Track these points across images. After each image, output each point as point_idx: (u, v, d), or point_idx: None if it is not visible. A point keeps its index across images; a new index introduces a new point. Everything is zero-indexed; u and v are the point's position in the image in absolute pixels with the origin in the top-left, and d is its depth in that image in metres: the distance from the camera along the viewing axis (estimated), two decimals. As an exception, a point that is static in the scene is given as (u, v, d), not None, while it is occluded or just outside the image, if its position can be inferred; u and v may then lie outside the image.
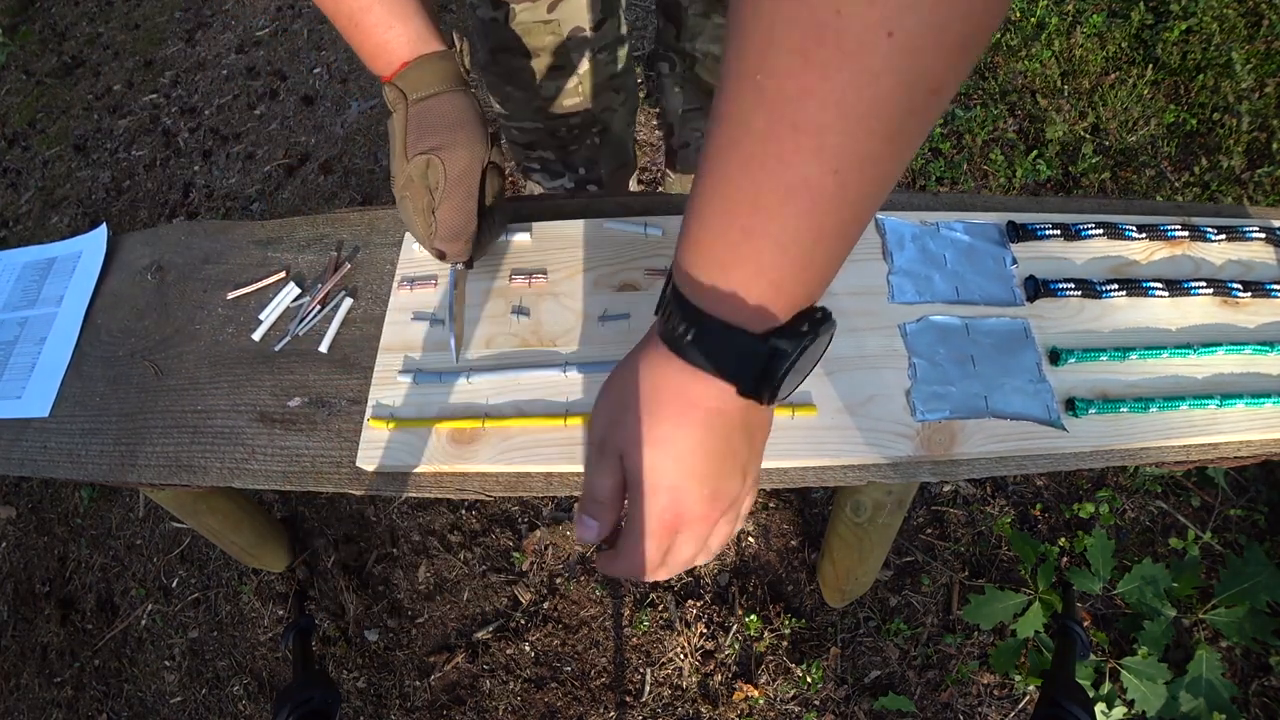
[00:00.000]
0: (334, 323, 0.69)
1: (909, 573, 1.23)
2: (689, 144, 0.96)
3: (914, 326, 0.62)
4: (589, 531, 0.44)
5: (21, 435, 0.69)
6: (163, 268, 0.78)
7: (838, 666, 1.16)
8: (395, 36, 0.58)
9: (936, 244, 0.67)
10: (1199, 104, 1.64)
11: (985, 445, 0.56)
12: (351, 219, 0.78)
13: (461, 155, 0.58)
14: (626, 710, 1.17)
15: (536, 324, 0.64)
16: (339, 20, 0.59)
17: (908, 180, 1.66)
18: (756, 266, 0.34)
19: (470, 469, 0.59)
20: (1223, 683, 1.01)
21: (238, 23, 2.47)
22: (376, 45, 0.58)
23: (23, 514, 1.53)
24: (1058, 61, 1.76)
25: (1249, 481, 1.24)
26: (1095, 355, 0.60)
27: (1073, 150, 1.63)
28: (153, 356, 0.71)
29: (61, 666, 1.33)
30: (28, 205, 2.13)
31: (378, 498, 1.38)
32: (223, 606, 1.34)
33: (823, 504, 1.30)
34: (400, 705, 1.21)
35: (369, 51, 0.59)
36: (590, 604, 1.26)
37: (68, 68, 2.50)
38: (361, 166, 1.95)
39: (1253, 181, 1.50)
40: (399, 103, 0.59)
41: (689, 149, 0.97)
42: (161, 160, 2.13)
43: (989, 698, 1.12)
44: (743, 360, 0.36)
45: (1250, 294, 0.63)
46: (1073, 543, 1.20)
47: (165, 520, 1.44)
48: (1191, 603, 1.11)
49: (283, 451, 0.63)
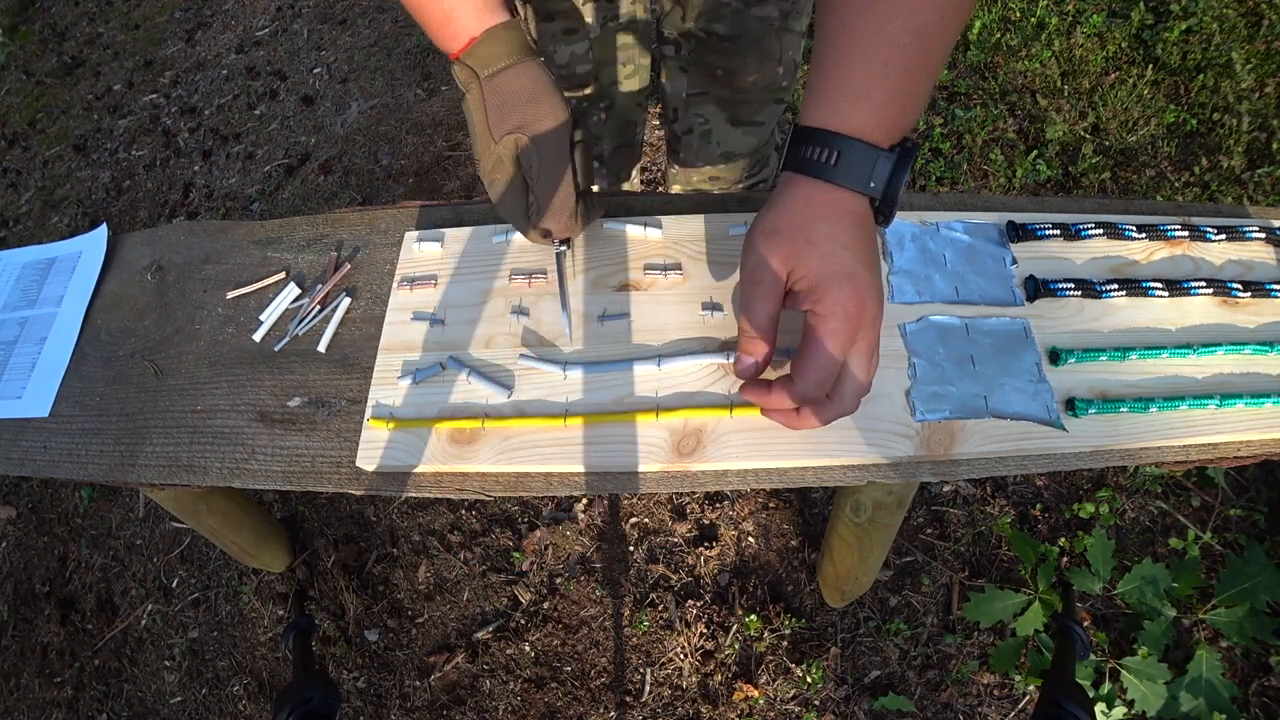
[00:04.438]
0: (332, 323, 0.69)
1: (909, 573, 1.23)
2: (692, 129, 0.95)
3: (914, 326, 0.62)
4: (748, 367, 0.49)
5: (21, 435, 0.69)
6: (163, 268, 0.78)
7: (838, 666, 1.16)
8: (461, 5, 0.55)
9: (936, 244, 0.67)
10: (1199, 104, 1.64)
11: (985, 445, 0.56)
12: (351, 219, 0.78)
13: (549, 128, 0.56)
14: (626, 710, 1.17)
15: (536, 324, 0.64)
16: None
17: (908, 180, 1.66)
18: (890, 93, 0.44)
19: (470, 469, 0.59)
20: (1223, 683, 1.01)
21: (238, 23, 2.47)
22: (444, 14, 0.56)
23: (23, 514, 1.53)
24: (1058, 61, 1.76)
25: (1249, 481, 1.24)
26: (1095, 355, 0.60)
27: (1073, 150, 1.63)
28: (153, 356, 0.71)
29: (61, 666, 1.33)
30: (28, 205, 2.13)
31: (378, 498, 1.38)
32: (223, 606, 1.34)
33: (823, 504, 1.30)
34: (400, 705, 1.21)
35: (437, 20, 0.56)
36: (590, 604, 1.26)
37: (68, 68, 2.50)
38: (361, 166, 1.95)
39: (1253, 181, 1.50)
40: (471, 82, 0.57)
41: (692, 134, 0.96)
42: (161, 160, 2.13)
43: (989, 698, 1.12)
44: (877, 170, 0.45)
45: (1250, 294, 0.63)
46: (1073, 543, 1.20)
47: (165, 520, 1.44)
48: (1191, 603, 1.11)
49: (283, 451, 0.63)
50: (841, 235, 0.45)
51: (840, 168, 0.45)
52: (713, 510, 1.32)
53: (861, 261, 0.45)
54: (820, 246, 0.45)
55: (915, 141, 0.47)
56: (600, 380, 0.61)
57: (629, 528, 1.31)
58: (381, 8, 2.34)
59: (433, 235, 0.71)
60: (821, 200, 0.46)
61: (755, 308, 0.47)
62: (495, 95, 0.56)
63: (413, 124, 2.00)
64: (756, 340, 0.48)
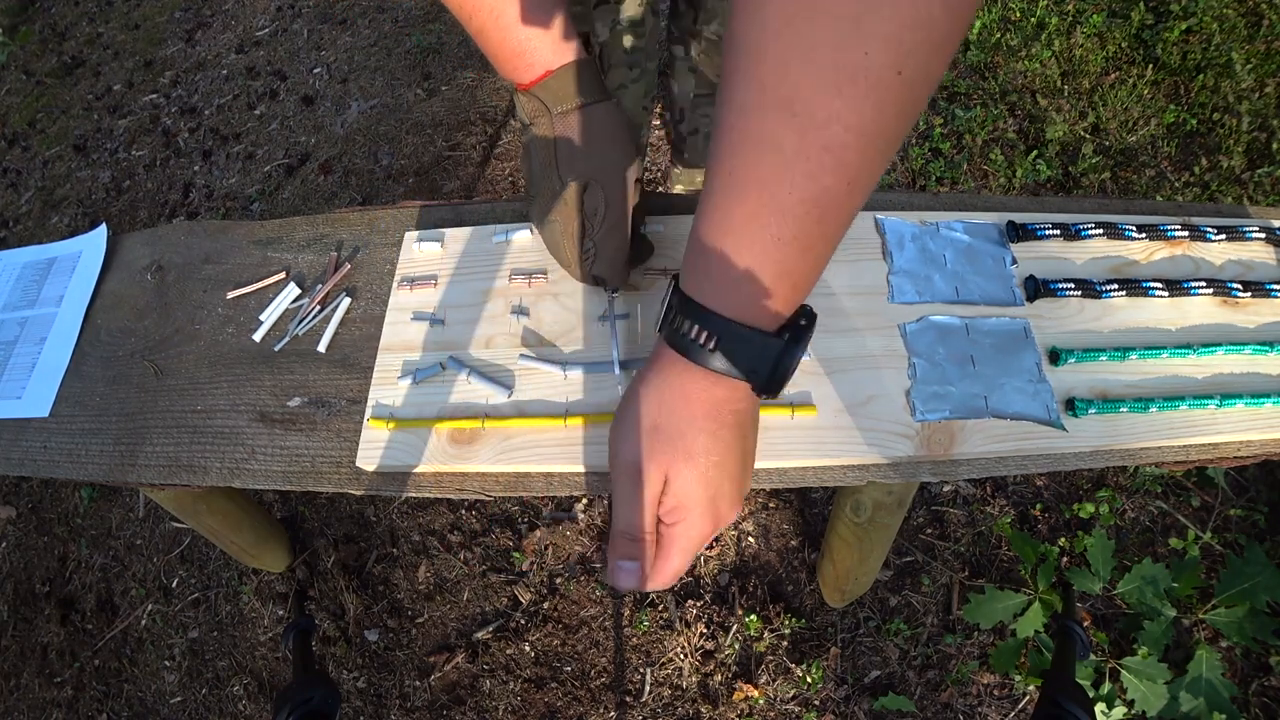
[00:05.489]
0: (332, 323, 0.69)
1: (909, 573, 1.23)
2: (698, 130, 0.95)
3: (914, 326, 0.62)
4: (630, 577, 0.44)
5: (21, 435, 0.69)
6: (163, 268, 0.78)
7: (838, 666, 1.16)
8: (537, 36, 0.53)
9: (936, 244, 0.67)
10: (1199, 104, 1.64)
11: (985, 445, 0.56)
12: (351, 219, 0.78)
13: (618, 177, 0.54)
14: (626, 710, 1.17)
15: (537, 324, 0.64)
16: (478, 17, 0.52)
17: (908, 180, 1.66)
18: (782, 269, 0.38)
19: (470, 469, 0.59)
20: (1223, 682, 1.01)
21: (238, 23, 2.47)
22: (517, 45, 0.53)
23: (23, 514, 1.53)
24: (1058, 61, 1.76)
25: (1249, 481, 1.24)
26: (1095, 355, 0.60)
27: (1073, 150, 1.63)
28: (153, 356, 0.71)
29: (61, 666, 1.33)
30: (28, 205, 2.13)
31: (378, 498, 1.38)
32: (223, 606, 1.34)
33: (823, 504, 1.30)
34: (400, 705, 1.21)
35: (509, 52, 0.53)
36: (590, 604, 1.26)
37: (68, 68, 2.50)
38: (361, 166, 1.95)
39: (1253, 181, 1.50)
40: (540, 116, 0.54)
41: (698, 135, 0.96)
42: (161, 160, 2.13)
43: (989, 698, 1.12)
44: (762, 358, 0.40)
45: (1250, 294, 0.63)
46: (1073, 543, 1.20)
47: (165, 520, 1.44)
48: (1191, 603, 1.11)
49: (283, 451, 0.63)
50: (718, 448, 0.42)
51: (719, 353, 0.40)
52: (713, 510, 1.32)
53: (730, 475, 0.43)
54: (698, 463, 0.42)
55: (812, 314, 0.42)
56: (600, 380, 0.61)
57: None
58: (381, 8, 2.34)
59: (433, 235, 0.71)
60: (698, 395, 0.42)
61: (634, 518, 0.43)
62: (568, 134, 0.54)
63: (413, 124, 2.00)
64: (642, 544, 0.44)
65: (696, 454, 0.42)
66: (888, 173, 1.66)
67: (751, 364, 0.40)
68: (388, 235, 0.75)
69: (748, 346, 0.40)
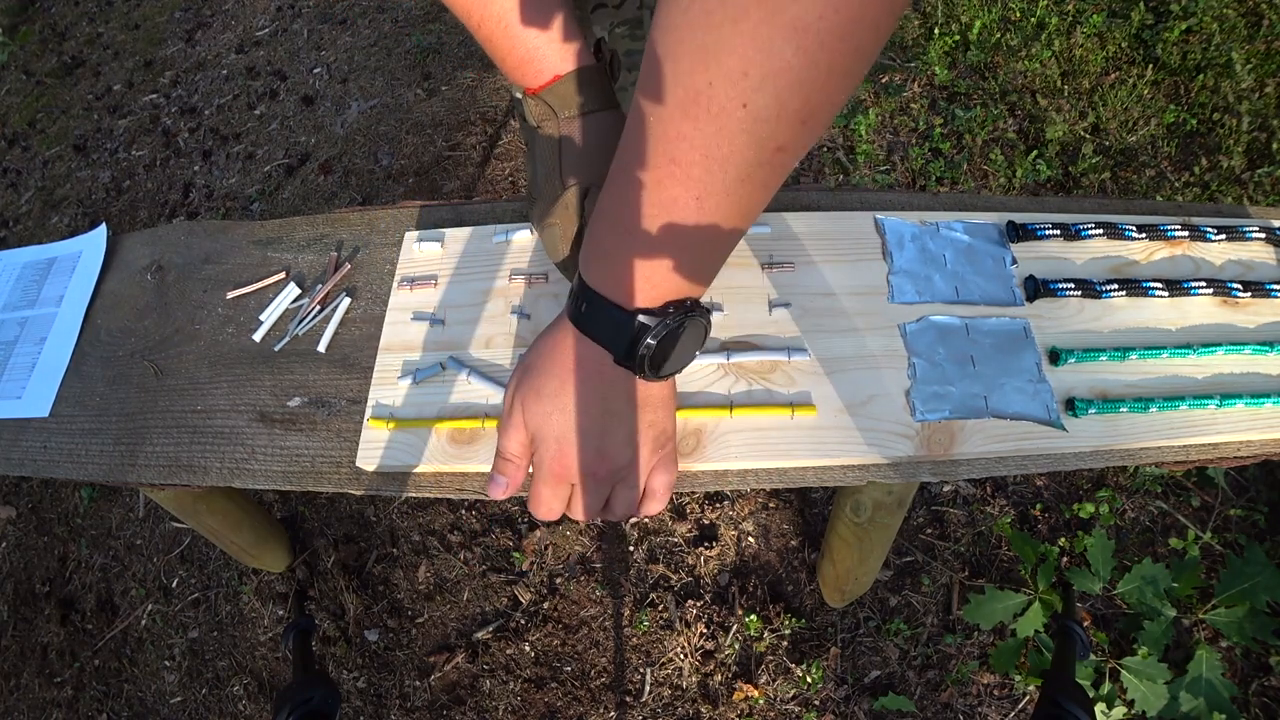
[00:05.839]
0: (332, 323, 0.69)
1: (909, 573, 1.23)
2: None
3: (914, 326, 0.62)
4: (498, 488, 0.51)
5: (21, 435, 0.69)
6: (163, 268, 0.78)
7: (838, 666, 1.16)
8: (546, 43, 0.53)
9: (936, 244, 0.67)
10: (1199, 104, 1.64)
11: (985, 445, 0.56)
12: (351, 219, 0.78)
13: None
14: (626, 710, 1.17)
15: (536, 324, 0.64)
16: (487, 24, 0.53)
17: (908, 180, 1.66)
18: (632, 259, 0.42)
19: (470, 469, 0.59)
20: (1223, 683, 1.01)
21: (238, 23, 2.47)
22: (527, 51, 0.53)
23: (23, 514, 1.53)
24: (1058, 61, 1.76)
25: (1249, 481, 1.24)
26: (1095, 355, 0.60)
27: (1073, 150, 1.63)
28: (153, 356, 0.71)
29: (61, 666, 1.33)
30: (28, 205, 2.13)
31: (378, 498, 1.38)
32: (223, 606, 1.34)
33: (823, 504, 1.30)
34: (400, 705, 1.21)
35: (518, 57, 0.54)
36: (590, 604, 1.26)
37: (68, 68, 2.50)
38: (361, 166, 1.95)
39: (1253, 181, 1.50)
40: (547, 119, 0.55)
41: None
42: (161, 160, 2.13)
43: (989, 698, 1.13)
44: (618, 330, 0.44)
45: (1250, 294, 0.63)
46: (1073, 543, 1.20)
47: (165, 520, 1.44)
48: (1191, 603, 1.11)
49: (283, 451, 0.63)
50: (564, 396, 0.46)
51: (587, 318, 0.45)
52: (713, 510, 1.32)
53: (577, 428, 0.47)
54: (543, 404, 0.47)
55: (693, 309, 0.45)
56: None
57: (629, 528, 1.31)
58: (381, 8, 2.34)
59: (433, 235, 0.71)
60: (566, 348, 0.47)
61: (506, 441, 0.50)
62: (572, 139, 0.54)
63: (413, 124, 2.01)
64: (510, 463, 0.50)
65: (545, 395, 0.47)
66: (887, 173, 1.66)
67: (609, 333, 0.45)
68: (388, 235, 0.75)
69: (604, 315, 0.44)
